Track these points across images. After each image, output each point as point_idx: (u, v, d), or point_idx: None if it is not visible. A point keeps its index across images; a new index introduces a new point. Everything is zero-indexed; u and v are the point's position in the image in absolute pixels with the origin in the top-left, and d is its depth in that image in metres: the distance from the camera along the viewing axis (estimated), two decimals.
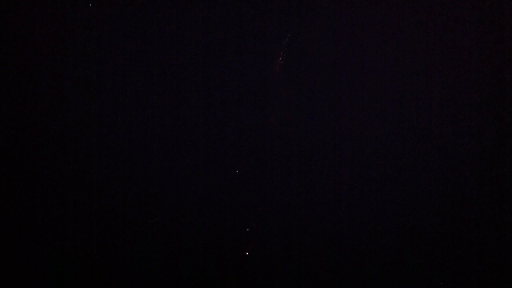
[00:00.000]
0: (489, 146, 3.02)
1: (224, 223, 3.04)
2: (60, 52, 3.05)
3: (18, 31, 3.05)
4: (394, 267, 3.00)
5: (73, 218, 3.03)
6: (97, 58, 3.07)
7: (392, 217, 3.01)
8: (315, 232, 3.02)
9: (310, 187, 3.02)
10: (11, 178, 3.06)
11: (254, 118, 3.03)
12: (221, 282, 3.01)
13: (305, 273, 3.00)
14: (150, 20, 3.03)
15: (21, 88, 3.04)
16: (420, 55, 3.01)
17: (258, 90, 3.02)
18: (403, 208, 3.02)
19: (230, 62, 3.03)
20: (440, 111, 3.00)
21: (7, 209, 3.04)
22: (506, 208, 2.99)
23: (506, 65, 3.01)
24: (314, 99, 3.01)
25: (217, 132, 3.04)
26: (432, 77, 3.02)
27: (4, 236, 3.02)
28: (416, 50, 3.01)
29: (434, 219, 3.01)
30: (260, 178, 3.03)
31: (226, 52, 3.02)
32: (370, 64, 3.05)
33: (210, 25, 3.03)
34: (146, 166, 3.05)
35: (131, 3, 3.02)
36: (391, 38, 3.01)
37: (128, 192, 3.07)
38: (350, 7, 3.02)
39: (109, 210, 3.02)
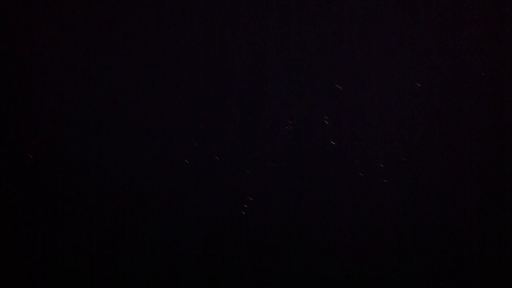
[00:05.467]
0: (489, 146, 3.02)
1: (223, 223, 3.04)
2: (59, 52, 3.05)
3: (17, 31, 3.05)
4: (394, 267, 3.00)
5: (72, 218, 3.03)
6: (95, 58, 3.07)
7: (392, 217, 3.01)
8: (316, 232, 3.02)
9: (309, 187, 3.02)
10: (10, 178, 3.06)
11: (252, 117, 3.03)
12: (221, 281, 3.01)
13: (304, 272, 3.00)
14: (149, 19, 3.03)
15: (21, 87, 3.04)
16: (420, 54, 3.01)
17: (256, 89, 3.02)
18: (403, 208, 3.02)
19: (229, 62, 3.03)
20: (440, 111, 3.00)
21: (7, 209, 3.04)
22: (506, 208, 2.99)
23: (506, 65, 3.00)
24: (314, 99, 3.01)
25: (217, 131, 3.04)
26: (432, 77, 3.02)
27: (3, 236, 3.02)
28: (416, 50, 3.01)
29: (434, 219, 3.01)
30: (259, 178, 3.03)
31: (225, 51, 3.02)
32: (370, 63, 3.05)
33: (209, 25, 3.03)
34: (146, 166, 3.05)
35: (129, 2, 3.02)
36: (391, 37, 3.01)
37: (127, 193, 3.07)
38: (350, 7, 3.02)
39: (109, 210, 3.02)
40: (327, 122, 2.83)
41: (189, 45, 3.00)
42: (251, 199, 2.94)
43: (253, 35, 3.00)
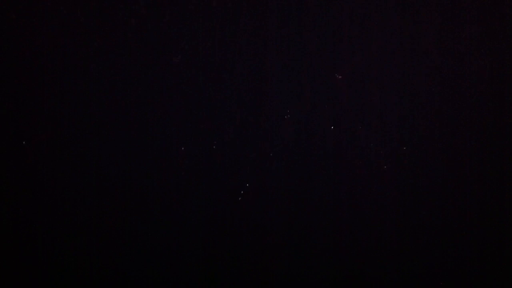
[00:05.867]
0: (489, 146, 3.02)
1: (223, 222, 3.04)
2: (58, 53, 3.05)
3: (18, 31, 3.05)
4: (394, 267, 3.00)
5: (72, 218, 3.04)
6: (95, 59, 3.08)
7: (392, 217, 3.01)
8: (315, 231, 3.02)
9: (309, 187, 3.02)
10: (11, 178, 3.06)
11: (252, 117, 3.03)
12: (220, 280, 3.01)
13: (304, 272, 3.00)
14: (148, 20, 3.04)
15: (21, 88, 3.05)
16: (420, 54, 3.02)
17: (256, 90, 3.02)
18: (403, 208, 3.02)
19: (229, 62, 3.03)
20: (440, 111, 3.00)
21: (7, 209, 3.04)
22: (506, 208, 2.99)
23: (506, 65, 3.01)
24: (314, 98, 3.01)
25: (215, 131, 3.04)
26: (432, 77, 3.02)
27: (4, 236, 3.02)
28: (416, 50, 3.01)
29: (434, 219, 3.01)
30: (259, 178, 3.03)
31: (225, 52, 3.02)
32: (370, 63, 3.06)
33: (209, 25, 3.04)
34: (146, 166, 3.05)
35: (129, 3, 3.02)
36: (391, 37, 3.01)
37: (127, 193, 3.08)
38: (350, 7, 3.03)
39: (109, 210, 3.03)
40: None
41: (189, 45, 3.00)
42: (247, 185, 2.94)
43: (253, 35, 3.00)
